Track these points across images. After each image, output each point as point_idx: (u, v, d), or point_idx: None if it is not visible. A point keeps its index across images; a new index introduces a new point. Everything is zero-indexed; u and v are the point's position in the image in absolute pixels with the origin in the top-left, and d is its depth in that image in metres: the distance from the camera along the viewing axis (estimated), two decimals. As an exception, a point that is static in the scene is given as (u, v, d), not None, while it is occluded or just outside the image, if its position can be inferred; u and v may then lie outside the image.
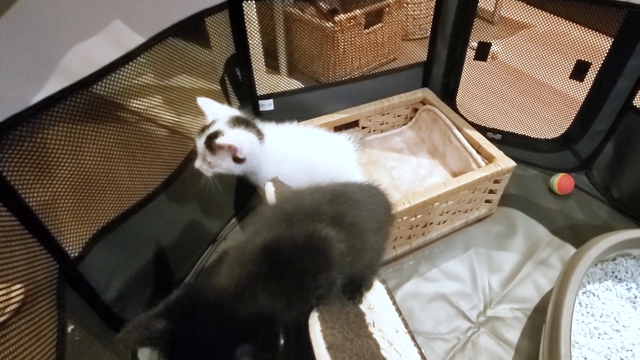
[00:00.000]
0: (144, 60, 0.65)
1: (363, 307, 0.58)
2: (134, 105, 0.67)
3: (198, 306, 0.41)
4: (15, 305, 0.45)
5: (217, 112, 0.68)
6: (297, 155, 0.74)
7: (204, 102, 0.69)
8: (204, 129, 0.66)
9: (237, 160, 0.65)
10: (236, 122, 0.67)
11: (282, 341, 0.41)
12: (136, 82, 0.66)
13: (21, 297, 0.47)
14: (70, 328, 0.56)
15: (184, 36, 0.73)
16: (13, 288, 0.47)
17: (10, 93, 0.47)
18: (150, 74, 0.69)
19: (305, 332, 0.47)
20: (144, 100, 0.69)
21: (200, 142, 0.65)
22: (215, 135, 0.63)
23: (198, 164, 0.68)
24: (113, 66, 0.59)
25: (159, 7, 0.65)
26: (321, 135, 0.84)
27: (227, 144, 0.62)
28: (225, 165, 0.66)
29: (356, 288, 0.56)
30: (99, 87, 0.58)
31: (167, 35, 0.68)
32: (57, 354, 0.50)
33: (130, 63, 0.62)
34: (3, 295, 0.44)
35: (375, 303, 0.66)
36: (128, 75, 0.63)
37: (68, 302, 0.58)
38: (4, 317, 0.43)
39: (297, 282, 0.45)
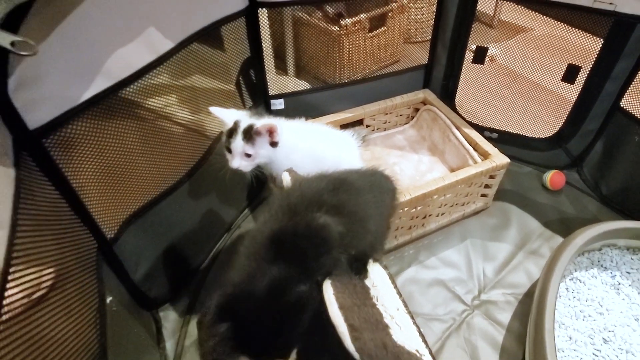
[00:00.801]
0: (172, 63, 0.72)
1: (367, 283, 0.65)
2: (160, 103, 0.75)
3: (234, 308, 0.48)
4: (65, 271, 0.52)
5: (233, 116, 0.74)
6: (305, 149, 0.81)
7: (217, 111, 0.75)
8: (230, 133, 0.72)
9: (273, 144, 0.73)
10: (258, 115, 0.75)
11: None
12: (165, 82, 0.73)
13: (71, 265, 0.54)
14: (108, 299, 0.63)
15: (205, 41, 0.80)
16: (60, 260, 0.54)
17: (64, 92, 0.55)
18: (176, 76, 0.76)
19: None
20: (169, 99, 0.76)
21: (236, 141, 0.71)
22: (251, 127, 0.70)
23: (236, 163, 0.73)
24: (147, 69, 0.66)
25: (186, 15, 0.72)
26: (327, 131, 0.92)
27: (268, 125, 0.69)
28: (263, 151, 0.73)
29: (361, 265, 0.63)
30: (134, 87, 0.66)
31: (192, 40, 0.75)
32: (100, 319, 0.58)
33: (161, 66, 0.70)
34: (56, 263, 0.51)
35: (378, 282, 0.74)
36: (159, 76, 0.70)
37: (105, 278, 0.65)
38: (58, 280, 0.50)
39: (301, 265, 0.51)
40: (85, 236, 0.62)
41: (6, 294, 0.39)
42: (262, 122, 0.71)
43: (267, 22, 1.00)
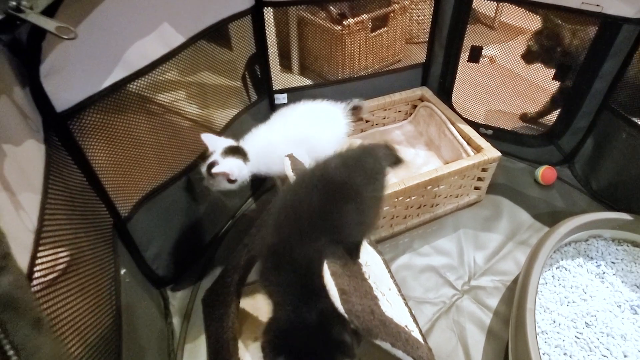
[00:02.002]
0: (182, 57, 0.78)
1: (361, 259, 0.70)
2: (170, 95, 0.81)
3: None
4: (87, 240, 0.58)
5: (216, 144, 0.83)
6: (281, 143, 0.88)
7: (206, 137, 0.84)
8: (205, 158, 0.83)
9: (230, 181, 0.82)
10: (228, 152, 0.82)
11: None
12: (175, 75, 0.79)
13: (91, 234, 0.60)
14: (122, 271, 0.69)
15: (213, 37, 0.86)
16: (82, 229, 0.60)
17: (87, 80, 0.61)
18: (186, 70, 0.82)
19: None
20: (178, 91, 0.83)
21: (203, 169, 0.82)
22: (212, 165, 0.79)
23: (206, 182, 0.84)
24: (160, 61, 0.72)
25: (197, 12, 0.78)
26: (310, 111, 0.98)
27: (220, 172, 0.78)
28: (222, 185, 0.83)
29: (354, 247, 0.68)
30: (147, 78, 0.72)
31: (201, 36, 0.81)
32: (115, 287, 0.63)
33: (173, 59, 0.76)
34: (79, 231, 0.57)
35: (371, 263, 0.79)
36: (170, 69, 0.76)
37: (120, 253, 0.71)
38: (81, 246, 0.56)
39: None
40: (102, 212, 0.68)
41: (39, 254, 0.45)
42: (222, 164, 0.80)
43: (273, 21, 1.06)
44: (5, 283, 0.25)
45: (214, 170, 0.78)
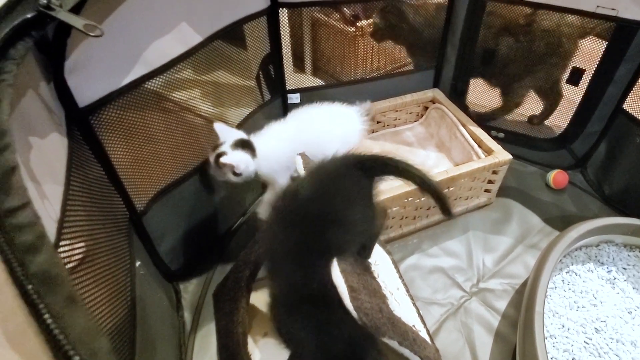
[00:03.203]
0: (199, 56, 0.80)
1: (370, 261, 0.71)
2: (186, 93, 0.83)
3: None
4: (104, 231, 0.60)
5: (227, 135, 0.85)
6: (293, 142, 0.89)
7: (218, 126, 0.86)
8: (215, 147, 0.84)
9: (235, 174, 0.84)
10: (238, 144, 0.84)
11: None
12: (191, 74, 0.81)
13: (109, 226, 0.62)
14: (137, 264, 0.70)
15: (229, 37, 0.88)
16: (100, 221, 0.62)
17: (108, 76, 0.63)
18: (201, 69, 0.84)
19: None
20: (194, 90, 0.84)
21: (212, 157, 0.84)
22: (220, 155, 0.81)
23: (212, 171, 0.86)
24: (177, 60, 0.74)
25: (214, 12, 0.80)
26: (325, 113, 0.99)
27: (227, 163, 0.80)
28: (227, 176, 0.85)
29: (364, 249, 0.69)
30: (165, 76, 0.74)
31: (218, 36, 0.83)
32: (130, 280, 0.65)
33: (190, 58, 0.77)
34: (97, 222, 0.59)
35: (380, 262, 0.80)
36: (186, 68, 0.78)
37: (134, 246, 0.73)
38: (99, 238, 0.58)
39: None
40: (119, 205, 0.70)
41: (61, 243, 0.47)
42: (230, 156, 0.82)
43: (287, 22, 1.07)
44: (41, 261, 0.27)
45: (222, 160, 0.80)
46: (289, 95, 1.14)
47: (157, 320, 0.74)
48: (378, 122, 1.26)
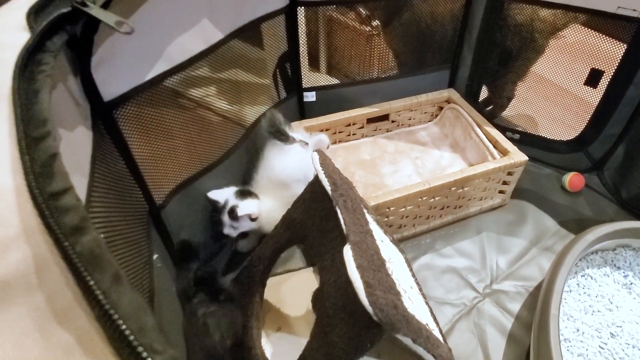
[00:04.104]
0: (219, 53, 0.81)
1: (384, 256, 0.71)
2: (204, 91, 0.84)
3: None
4: (123, 228, 0.61)
5: (225, 195, 0.90)
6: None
7: (212, 194, 0.90)
8: (221, 209, 0.89)
9: (253, 220, 0.89)
10: (241, 194, 0.89)
11: None
12: (210, 71, 0.82)
13: (129, 218, 0.63)
14: (155, 256, 0.72)
15: (248, 35, 0.89)
16: (121, 213, 0.63)
17: (132, 72, 0.64)
18: (221, 66, 0.85)
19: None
20: (212, 88, 0.85)
21: (224, 218, 0.87)
22: (234, 209, 0.86)
23: (226, 231, 0.89)
24: (199, 56, 0.75)
25: (235, 10, 0.81)
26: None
27: (245, 213, 0.85)
28: (246, 225, 0.89)
29: None
30: (186, 73, 0.75)
31: (238, 33, 0.84)
32: (149, 271, 0.67)
33: (210, 54, 0.79)
34: (119, 214, 0.60)
35: (393, 260, 0.80)
36: (206, 65, 0.79)
37: (153, 238, 0.74)
38: (118, 234, 0.59)
39: None
40: (139, 198, 0.71)
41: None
42: (243, 205, 0.86)
43: (304, 20, 1.08)
44: (87, 241, 0.28)
45: (240, 213, 0.84)
46: (304, 94, 1.15)
47: (171, 313, 0.75)
48: (392, 122, 1.26)
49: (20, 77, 0.33)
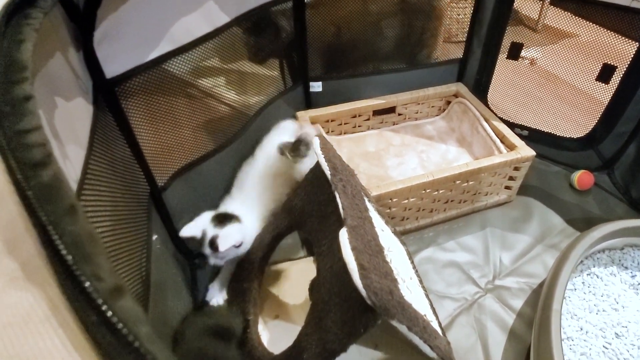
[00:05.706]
0: (225, 37, 0.81)
1: (383, 244, 0.70)
2: (209, 75, 0.84)
3: None
4: (122, 204, 0.61)
5: (200, 224, 0.79)
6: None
7: (185, 231, 0.79)
8: (201, 241, 0.78)
9: (237, 247, 0.80)
10: (219, 221, 0.79)
11: None
12: (215, 56, 0.82)
13: (129, 197, 0.63)
14: (154, 237, 0.72)
15: (255, 21, 0.88)
16: (120, 191, 0.63)
17: (135, 50, 0.64)
18: (226, 52, 0.85)
19: None
20: (216, 73, 0.85)
21: (206, 250, 0.78)
22: (214, 240, 0.75)
23: (212, 261, 0.79)
24: (204, 39, 0.75)
25: (241, -6, 0.81)
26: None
27: (229, 245, 0.75)
28: (232, 253, 0.80)
29: None
30: (190, 55, 0.75)
31: (244, 18, 0.84)
32: (147, 252, 0.67)
33: (215, 38, 0.78)
34: (117, 192, 0.60)
35: (393, 249, 0.79)
36: (212, 47, 0.79)
37: (153, 220, 0.74)
38: (115, 210, 0.59)
39: None
40: (140, 179, 0.72)
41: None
42: (224, 236, 0.76)
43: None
44: (47, 175, 0.28)
45: (221, 248, 0.74)
46: (311, 83, 1.15)
47: (171, 295, 0.75)
48: (399, 114, 1.25)
49: (6, 27, 0.34)
